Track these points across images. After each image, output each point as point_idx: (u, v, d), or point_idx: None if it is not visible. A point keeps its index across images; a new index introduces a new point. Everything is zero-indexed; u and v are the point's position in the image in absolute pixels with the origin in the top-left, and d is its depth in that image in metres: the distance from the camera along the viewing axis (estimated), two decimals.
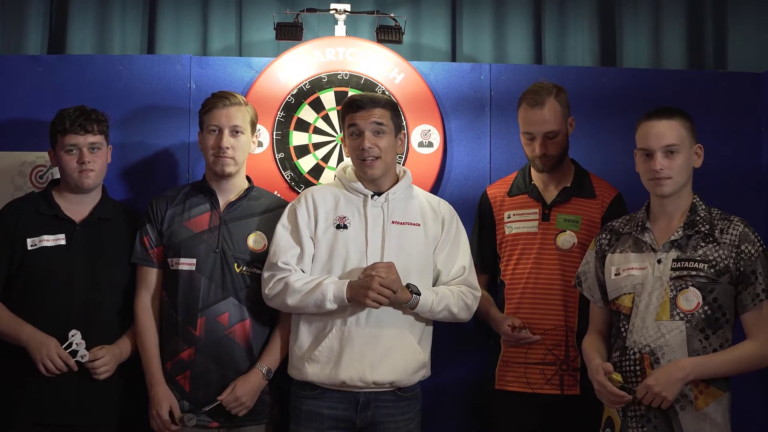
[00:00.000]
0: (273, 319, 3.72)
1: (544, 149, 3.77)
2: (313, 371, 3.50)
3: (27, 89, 4.18)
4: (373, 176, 3.56)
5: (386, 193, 3.59)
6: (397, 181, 3.66)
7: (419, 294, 3.48)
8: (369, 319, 3.49)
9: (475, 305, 3.69)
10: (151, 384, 3.62)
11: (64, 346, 3.52)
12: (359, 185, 3.60)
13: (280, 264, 3.53)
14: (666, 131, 3.27)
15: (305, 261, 3.55)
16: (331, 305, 3.44)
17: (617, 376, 3.22)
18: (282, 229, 3.60)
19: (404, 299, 3.46)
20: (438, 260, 3.65)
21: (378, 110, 3.55)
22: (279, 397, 3.73)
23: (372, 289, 3.37)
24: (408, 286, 3.48)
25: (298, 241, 3.56)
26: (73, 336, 3.54)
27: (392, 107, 3.64)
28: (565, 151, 3.87)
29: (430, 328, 3.67)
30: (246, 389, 3.58)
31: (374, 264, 3.45)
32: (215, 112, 3.68)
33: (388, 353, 3.50)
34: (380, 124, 3.54)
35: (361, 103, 3.56)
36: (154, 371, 3.63)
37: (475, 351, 4.17)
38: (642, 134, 3.32)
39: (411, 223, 3.61)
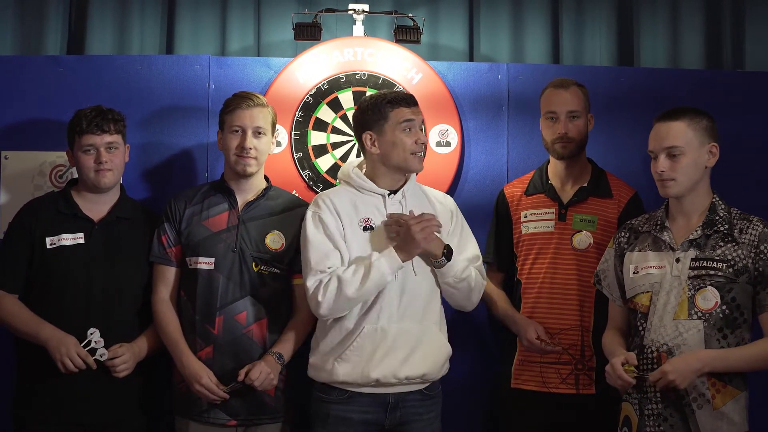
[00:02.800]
0: (289, 318, 3.74)
1: (566, 129, 3.79)
2: (344, 371, 3.48)
3: (47, 90, 4.20)
4: (417, 169, 3.59)
5: (402, 189, 3.60)
6: (404, 178, 3.65)
7: (449, 259, 3.51)
8: (400, 314, 3.49)
9: (481, 294, 3.71)
10: (185, 364, 3.60)
11: (83, 345, 3.54)
12: (372, 185, 3.58)
13: (326, 269, 3.48)
14: (668, 133, 3.28)
15: (345, 264, 3.51)
16: (390, 277, 3.44)
17: (631, 367, 3.22)
18: (314, 236, 3.52)
19: (436, 254, 3.49)
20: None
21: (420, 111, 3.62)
22: (296, 396, 3.75)
23: (416, 232, 3.42)
24: (445, 245, 3.52)
25: (335, 244, 3.51)
26: (91, 334, 3.55)
27: None
28: (584, 142, 3.88)
29: (445, 320, 3.68)
30: (267, 368, 3.57)
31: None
32: (239, 112, 3.68)
33: (417, 347, 3.50)
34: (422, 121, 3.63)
35: (414, 100, 3.60)
36: (183, 349, 3.62)
37: (489, 349, 4.19)
38: (650, 136, 3.35)
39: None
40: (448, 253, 3.51)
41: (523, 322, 3.82)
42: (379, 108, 3.57)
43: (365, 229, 3.54)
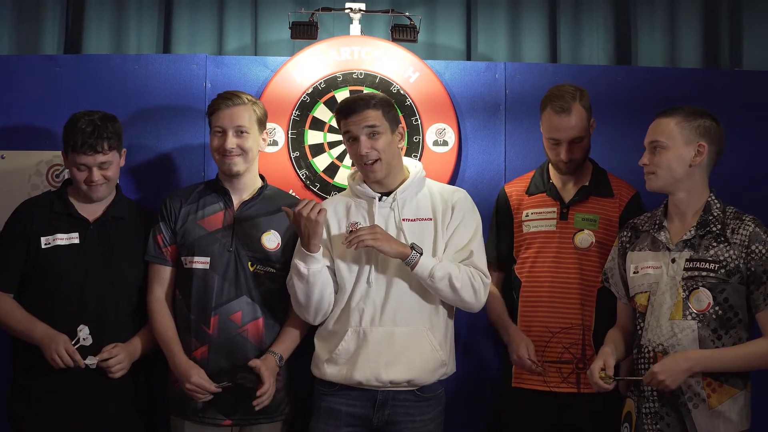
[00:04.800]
0: (285, 317, 3.72)
1: (570, 155, 3.77)
2: (332, 372, 3.52)
3: (43, 89, 4.19)
4: (376, 178, 3.56)
5: (394, 192, 3.59)
6: (405, 177, 3.64)
7: (421, 253, 3.45)
8: (384, 317, 3.49)
9: (484, 292, 3.58)
10: (176, 363, 3.60)
11: (73, 342, 3.54)
12: (365, 189, 3.60)
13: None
14: (655, 128, 3.32)
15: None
16: (304, 268, 3.44)
17: (606, 375, 3.25)
18: (298, 244, 3.56)
19: (403, 254, 3.43)
20: (448, 242, 3.60)
21: (369, 112, 3.52)
22: (294, 395, 3.75)
23: (305, 214, 3.38)
24: (412, 245, 3.45)
25: None
26: (80, 331, 3.55)
27: (384, 105, 3.58)
28: (588, 152, 3.88)
29: (450, 324, 3.65)
30: (269, 368, 3.57)
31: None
32: (219, 113, 3.68)
33: (404, 352, 3.49)
34: (373, 126, 3.51)
35: (352, 107, 3.54)
36: (175, 350, 3.61)
37: (490, 347, 4.18)
38: None
39: (423, 219, 3.60)
40: (415, 251, 3.45)
41: (516, 336, 3.79)
42: (336, 121, 3.65)
43: (351, 233, 3.53)
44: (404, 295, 3.52)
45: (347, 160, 4.20)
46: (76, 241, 3.66)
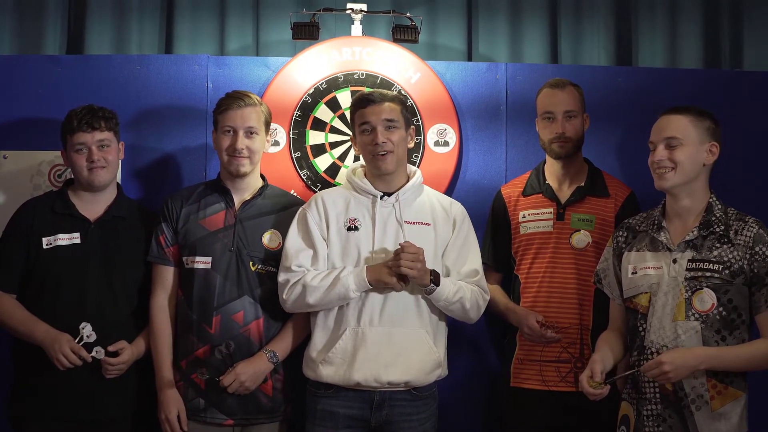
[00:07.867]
0: (286, 316, 3.71)
1: (563, 128, 3.81)
2: (328, 373, 3.49)
3: (45, 89, 4.20)
4: (386, 170, 3.57)
5: (396, 193, 3.59)
6: (407, 180, 3.65)
7: (437, 284, 3.46)
8: (383, 318, 3.49)
9: (484, 308, 3.67)
10: (160, 387, 3.63)
11: (76, 340, 3.53)
12: (369, 186, 3.60)
13: (293, 267, 3.53)
14: (669, 124, 3.28)
15: (320, 262, 3.55)
16: (354, 294, 3.44)
17: (595, 382, 3.22)
18: (293, 233, 3.61)
19: (424, 283, 3.45)
20: (447, 260, 3.63)
21: (388, 104, 3.57)
22: (293, 395, 3.74)
23: (397, 265, 3.39)
24: (431, 272, 3.47)
25: (311, 243, 3.56)
26: (83, 329, 3.54)
27: (402, 102, 3.66)
28: (581, 141, 3.90)
29: (444, 325, 3.65)
30: (247, 369, 3.57)
31: (404, 243, 3.43)
32: (230, 113, 3.68)
33: (402, 353, 3.49)
34: (391, 120, 3.55)
35: (371, 98, 3.58)
36: (165, 375, 3.63)
37: (487, 349, 4.18)
38: (652, 128, 3.34)
39: (422, 223, 3.60)
40: (435, 279, 3.47)
41: (522, 311, 3.83)
42: (351, 113, 3.66)
43: (350, 229, 3.55)
44: (403, 296, 3.51)
45: (348, 161, 4.21)
46: (78, 241, 3.66)
